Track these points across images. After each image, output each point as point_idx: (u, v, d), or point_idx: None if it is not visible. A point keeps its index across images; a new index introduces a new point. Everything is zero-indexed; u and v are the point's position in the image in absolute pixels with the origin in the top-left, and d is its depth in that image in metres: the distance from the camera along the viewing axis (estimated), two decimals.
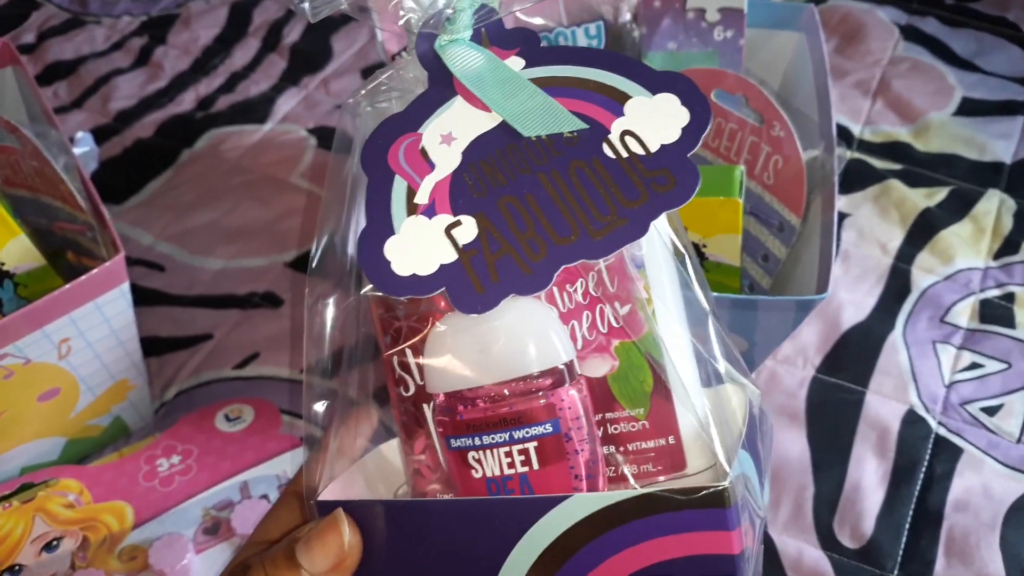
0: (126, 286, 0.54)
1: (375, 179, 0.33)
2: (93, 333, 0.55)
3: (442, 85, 0.34)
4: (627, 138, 0.31)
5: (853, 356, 0.67)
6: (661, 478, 0.34)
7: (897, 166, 0.80)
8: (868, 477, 0.60)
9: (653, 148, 0.31)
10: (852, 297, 0.70)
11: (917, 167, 0.80)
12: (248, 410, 0.64)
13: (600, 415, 0.34)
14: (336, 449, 0.37)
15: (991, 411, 0.64)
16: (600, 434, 0.34)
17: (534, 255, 0.30)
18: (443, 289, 0.31)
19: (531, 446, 0.32)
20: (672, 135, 0.31)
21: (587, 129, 0.32)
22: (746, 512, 0.31)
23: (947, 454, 0.62)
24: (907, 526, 0.58)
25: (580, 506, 0.30)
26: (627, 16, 0.59)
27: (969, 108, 0.85)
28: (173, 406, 0.67)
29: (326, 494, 0.35)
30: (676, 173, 0.30)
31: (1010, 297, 0.70)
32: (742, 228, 0.56)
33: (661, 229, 0.34)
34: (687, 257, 0.34)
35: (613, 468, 0.35)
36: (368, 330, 0.37)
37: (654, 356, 0.33)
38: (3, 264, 0.56)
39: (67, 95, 0.91)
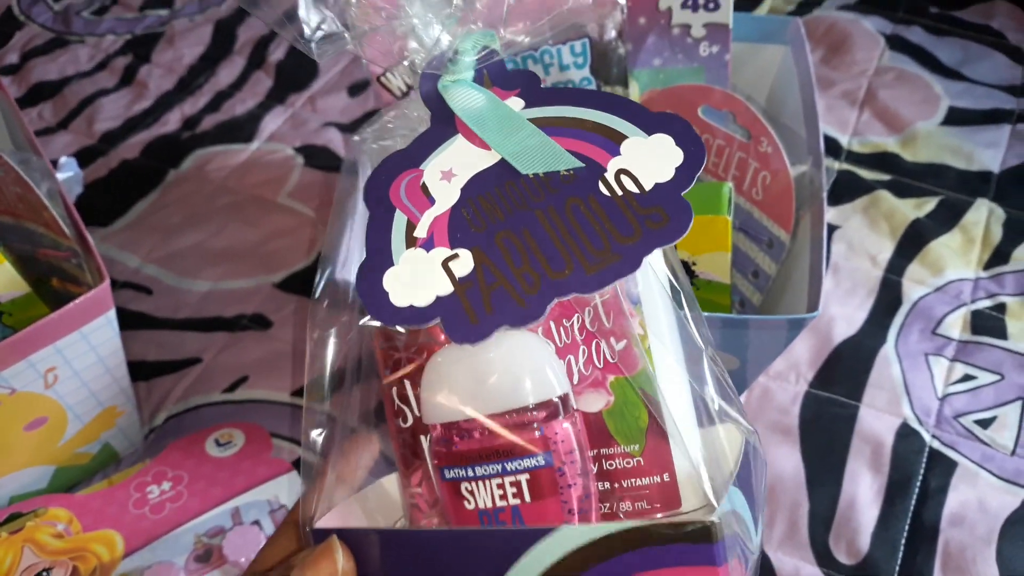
0: (112, 313, 0.54)
1: (376, 213, 0.34)
2: (79, 361, 0.54)
3: (444, 123, 0.35)
4: (623, 176, 0.32)
5: (845, 370, 0.67)
6: (657, 516, 0.34)
7: (886, 176, 0.80)
8: (863, 492, 0.60)
9: (648, 186, 0.31)
10: (843, 311, 0.70)
11: (905, 177, 0.80)
12: (238, 434, 0.64)
13: (595, 451, 0.35)
14: (335, 477, 0.37)
15: (985, 423, 0.64)
16: (595, 470, 0.34)
17: (528, 288, 0.31)
18: (438, 320, 0.31)
19: (523, 478, 0.32)
20: (666, 174, 0.31)
21: (583, 167, 0.33)
22: (736, 548, 0.31)
23: (942, 468, 0.61)
24: (903, 541, 0.58)
25: (568, 538, 0.30)
26: (612, 33, 0.59)
27: (956, 117, 0.85)
28: (163, 431, 0.66)
29: (322, 522, 0.35)
30: (670, 211, 0.31)
31: (1001, 308, 0.70)
32: (731, 245, 0.56)
33: (656, 267, 0.35)
34: (683, 295, 0.35)
35: (609, 505, 0.35)
36: (370, 360, 0.37)
37: (649, 392, 0.34)
38: None
39: (52, 116, 0.90)
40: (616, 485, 0.34)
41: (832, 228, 0.76)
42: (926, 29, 0.94)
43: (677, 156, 0.32)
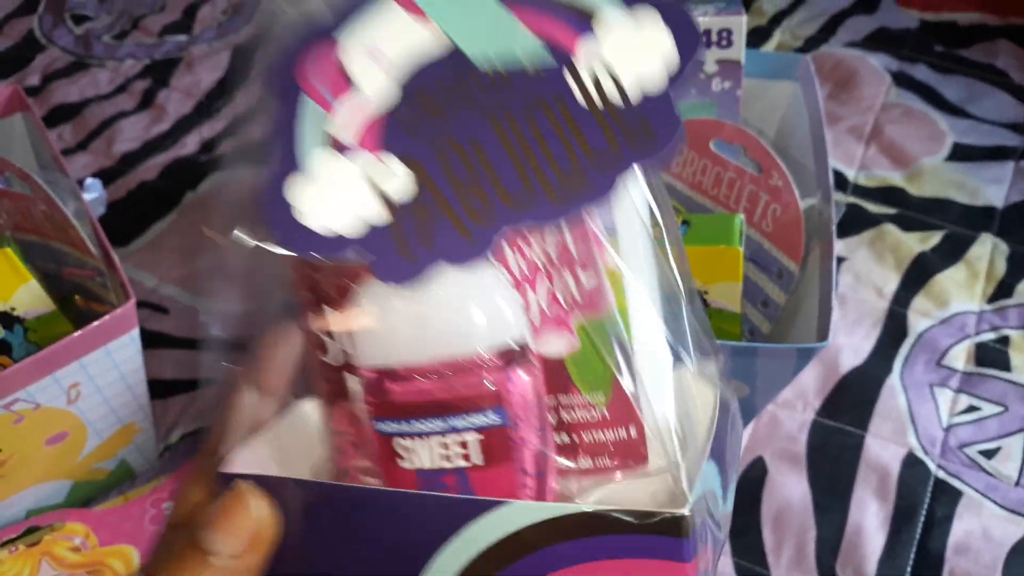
0: (136, 332, 0.55)
1: (281, 99, 0.26)
2: (102, 378, 0.55)
3: None
4: (597, 69, 0.26)
5: (852, 399, 0.68)
6: (618, 474, 0.30)
7: (892, 210, 0.82)
8: (869, 520, 0.61)
9: (628, 83, 0.25)
10: (850, 341, 0.71)
11: (911, 211, 0.82)
12: None
13: (554, 398, 0.30)
14: (251, 394, 0.31)
15: (989, 454, 0.65)
16: (553, 422, 0.30)
17: (476, 215, 0.26)
18: (360, 251, 0.26)
19: (472, 438, 0.27)
20: (655, 68, 0.25)
21: (550, 60, 0.26)
22: (706, 535, 0.27)
23: (947, 497, 0.62)
24: (909, 569, 0.59)
25: (518, 515, 0.26)
26: None
27: (961, 153, 0.87)
28: (177, 450, 0.67)
29: (232, 464, 0.29)
30: (654, 121, 0.25)
31: (1005, 340, 0.71)
32: (742, 275, 0.57)
33: (635, 193, 0.29)
34: (665, 230, 0.29)
35: (567, 460, 0.30)
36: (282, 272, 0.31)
37: (619, 338, 0.28)
38: (14, 309, 0.56)
39: (72, 138, 0.92)
40: (576, 438, 0.30)
41: (839, 260, 0.77)
42: (931, 67, 0.96)
43: (665, 42, 0.25)
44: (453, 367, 0.27)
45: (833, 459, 0.64)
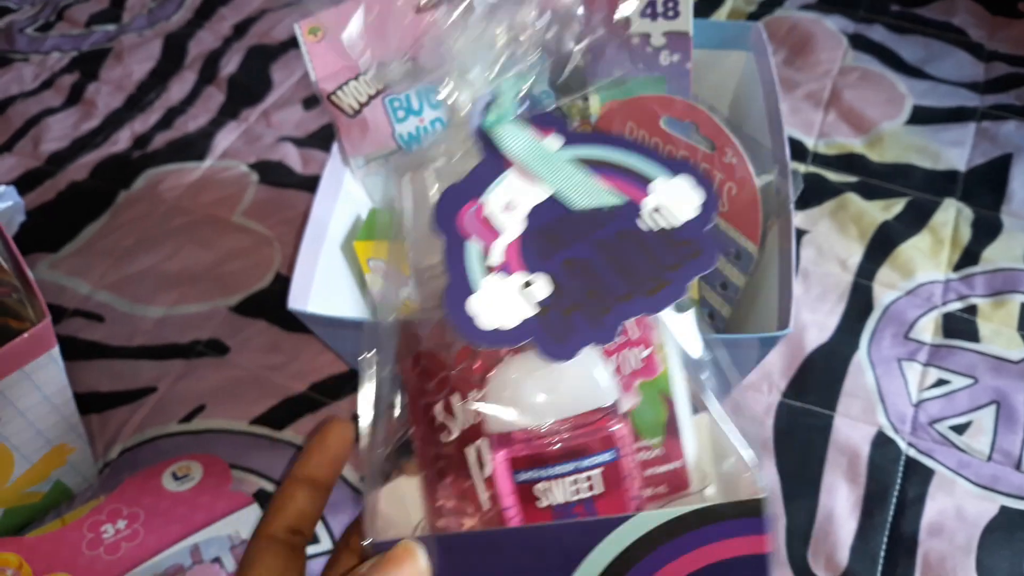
0: (55, 351, 0.51)
1: (450, 242, 0.36)
2: (23, 401, 0.52)
3: (495, 159, 0.38)
4: (657, 213, 0.36)
5: (819, 379, 0.65)
6: (686, 494, 0.38)
7: (853, 179, 0.79)
8: (840, 504, 0.59)
9: (678, 222, 0.36)
10: (814, 318, 0.69)
11: (873, 179, 0.79)
12: (196, 467, 0.61)
13: None
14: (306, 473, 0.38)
15: (960, 429, 0.63)
16: None
17: (600, 311, 0.35)
18: (530, 339, 0.35)
19: (595, 473, 0.35)
20: (692, 211, 0.36)
21: (626, 203, 0.37)
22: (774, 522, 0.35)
23: (919, 476, 0.60)
24: (882, 554, 0.57)
25: (643, 523, 0.34)
26: (571, 44, 0.57)
27: (921, 116, 0.84)
28: (117, 465, 0.64)
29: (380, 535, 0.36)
30: (701, 245, 0.36)
31: (972, 310, 0.70)
32: None
33: None
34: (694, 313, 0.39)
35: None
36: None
37: (666, 393, 0.38)
38: None
39: None
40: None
41: (801, 233, 0.75)
42: (888, 27, 0.94)
43: (699, 195, 0.36)
44: (575, 423, 0.36)
45: (801, 442, 0.62)
